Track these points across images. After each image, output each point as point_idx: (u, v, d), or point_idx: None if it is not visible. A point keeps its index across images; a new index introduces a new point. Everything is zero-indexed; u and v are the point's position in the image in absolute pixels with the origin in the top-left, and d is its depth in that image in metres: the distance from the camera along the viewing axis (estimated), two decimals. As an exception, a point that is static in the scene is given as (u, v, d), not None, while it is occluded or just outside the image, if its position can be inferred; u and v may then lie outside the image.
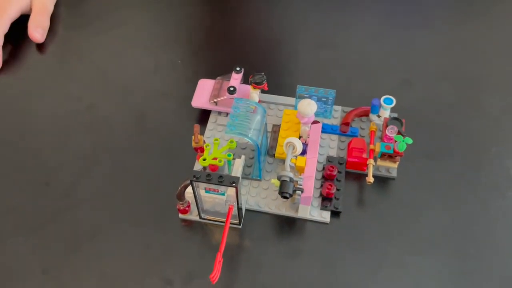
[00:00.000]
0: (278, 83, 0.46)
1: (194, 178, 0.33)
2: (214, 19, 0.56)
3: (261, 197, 0.40)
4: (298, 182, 0.36)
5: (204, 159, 0.35)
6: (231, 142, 0.36)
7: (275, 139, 0.43)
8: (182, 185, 0.35)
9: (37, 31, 0.52)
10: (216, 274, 0.31)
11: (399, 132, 0.39)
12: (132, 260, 0.37)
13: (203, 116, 0.45)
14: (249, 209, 0.39)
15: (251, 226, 0.38)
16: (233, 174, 0.38)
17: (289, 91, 0.45)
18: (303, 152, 0.39)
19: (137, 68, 0.50)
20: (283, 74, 0.49)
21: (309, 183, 0.36)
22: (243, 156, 0.40)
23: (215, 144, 0.36)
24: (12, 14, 0.51)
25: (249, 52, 0.52)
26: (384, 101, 0.42)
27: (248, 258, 0.37)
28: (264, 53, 0.52)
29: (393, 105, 0.42)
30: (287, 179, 0.35)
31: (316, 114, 0.44)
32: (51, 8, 0.55)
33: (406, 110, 0.45)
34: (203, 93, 0.44)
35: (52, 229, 0.39)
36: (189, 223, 0.39)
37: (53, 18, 0.55)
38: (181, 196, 0.36)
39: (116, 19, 0.55)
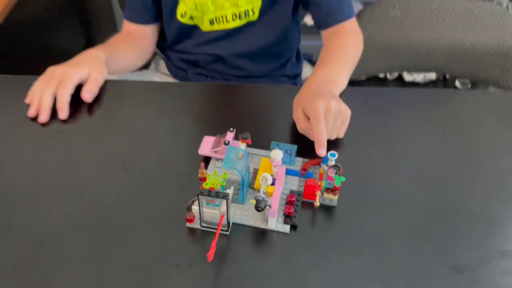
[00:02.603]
0: (260, 140, 0.66)
1: (200, 193, 0.51)
2: (208, 99, 0.78)
3: (243, 214, 0.58)
4: (268, 201, 0.55)
5: (206, 184, 0.54)
6: (224, 174, 0.55)
7: (254, 177, 0.62)
8: (191, 200, 0.54)
9: (88, 94, 0.73)
10: (211, 252, 0.49)
11: (337, 174, 0.59)
12: (152, 250, 0.54)
13: (206, 161, 0.64)
14: (235, 222, 0.57)
15: (236, 233, 0.56)
16: (224, 198, 0.56)
17: (267, 146, 0.65)
18: (273, 183, 0.58)
19: (161, 129, 0.71)
20: (263, 134, 0.69)
21: (275, 202, 0.54)
22: (232, 187, 0.58)
23: (214, 175, 0.55)
24: (76, 81, 0.73)
25: (241, 119, 0.72)
26: (330, 155, 0.62)
27: (232, 255, 0.54)
28: (251, 120, 0.72)
29: (336, 157, 0.62)
30: (260, 199, 0.54)
31: (283, 162, 0.63)
32: (102, 81, 0.76)
33: (346, 160, 0.64)
34: (207, 145, 0.64)
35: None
36: (193, 230, 0.56)
37: (101, 90, 0.76)
38: (189, 208, 0.54)
39: (143, 94, 0.77)
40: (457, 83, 2.00)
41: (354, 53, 0.83)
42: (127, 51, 0.91)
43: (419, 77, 2.04)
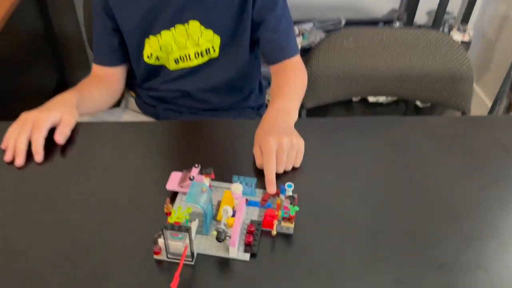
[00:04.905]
0: (224, 174, 0.72)
1: (164, 228, 0.56)
2: (177, 136, 0.84)
3: (207, 245, 0.63)
4: (228, 232, 0.60)
5: (171, 218, 0.59)
6: (188, 208, 0.61)
7: (218, 209, 0.67)
8: (157, 234, 0.58)
9: (60, 137, 0.77)
10: (174, 283, 0.54)
11: (292, 203, 0.65)
12: (121, 284, 0.58)
13: (174, 195, 0.69)
14: (199, 252, 0.62)
15: (200, 263, 0.61)
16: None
17: (230, 178, 0.70)
18: (234, 215, 0.63)
19: (132, 167, 0.75)
20: (228, 167, 0.75)
21: (234, 233, 0.60)
22: (196, 220, 0.64)
23: (178, 209, 0.60)
24: (49, 125, 0.77)
25: (207, 154, 0.78)
26: (287, 185, 0.68)
27: (197, 284, 0.59)
28: (216, 154, 0.78)
29: (292, 188, 0.68)
30: (221, 230, 0.59)
31: (245, 194, 0.69)
32: (73, 124, 0.81)
33: (302, 187, 0.70)
34: (175, 181, 0.69)
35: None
36: (160, 261, 0.61)
37: (73, 133, 0.81)
38: (155, 242, 0.59)
39: (113, 134, 0.82)
40: (418, 102, 2.11)
41: (302, 87, 0.92)
42: (97, 92, 0.96)
43: (381, 98, 2.14)
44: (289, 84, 0.89)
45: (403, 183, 0.74)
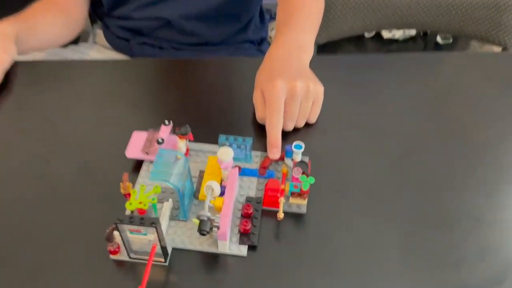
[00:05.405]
0: (206, 133, 0.52)
1: (118, 221, 0.38)
2: (150, 79, 0.63)
3: (186, 236, 0.44)
4: (215, 220, 0.42)
5: (130, 203, 0.40)
6: (156, 187, 0.42)
7: (201, 182, 0.48)
8: (110, 228, 0.40)
9: None
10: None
11: (305, 173, 0.46)
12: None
13: (138, 164, 0.50)
14: (175, 247, 0.44)
15: (177, 262, 0.43)
16: (161, 217, 0.43)
17: (215, 140, 0.51)
18: (223, 194, 0.45)
19: (85, 123, 0.56)
20: (210, 125, 0.55)
21: (225, 220, 0.41)
22: (170, 200, 0.45)
23: (141, 189, 0.41)
24: None
25: (187, 104, 0.58)
26: (295, 146, 0.49)
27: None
28: (199, 104, 0.58)
29: (302, 150, 0.48)
30: (205, 218, 0.41)
31: (238, 159, 0.50)
32: (8, 64, 0.60)
33: (316, 150, 0.51)
34: (137, 144, 0.50)
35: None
36: (120, 263, 0.43)
37: (10, 76, 0.60)
38: (109, 238, 0.41)
39: (65, 78, 0.61)
40: (439, 39, 1.87)
41: (318, 12, 0.69)
42: (50, 21, 0.74)
43: (398, 33, 1.90)
44: (302, 8, 0.66)
45: (455, 143, 0.54)
